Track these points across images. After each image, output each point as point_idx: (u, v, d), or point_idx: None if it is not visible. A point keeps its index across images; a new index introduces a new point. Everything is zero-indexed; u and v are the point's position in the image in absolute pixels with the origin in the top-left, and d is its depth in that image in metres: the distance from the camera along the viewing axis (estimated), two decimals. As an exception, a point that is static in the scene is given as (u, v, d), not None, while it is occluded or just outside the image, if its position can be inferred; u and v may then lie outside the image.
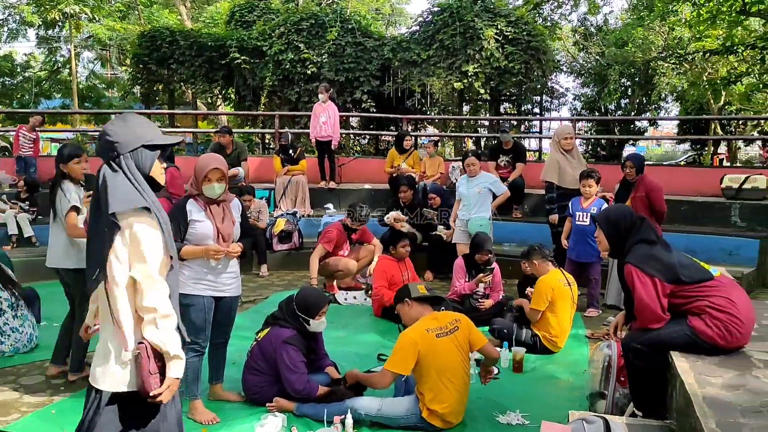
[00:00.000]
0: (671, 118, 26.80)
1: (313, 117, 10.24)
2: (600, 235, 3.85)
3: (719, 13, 13.47)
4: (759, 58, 14.24)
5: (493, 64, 13.19)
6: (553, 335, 5.43)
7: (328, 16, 14.65)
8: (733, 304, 3.37)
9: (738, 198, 8.66)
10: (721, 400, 2.80)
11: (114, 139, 2.46)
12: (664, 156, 32.43)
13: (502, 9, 14.22)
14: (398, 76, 14.09)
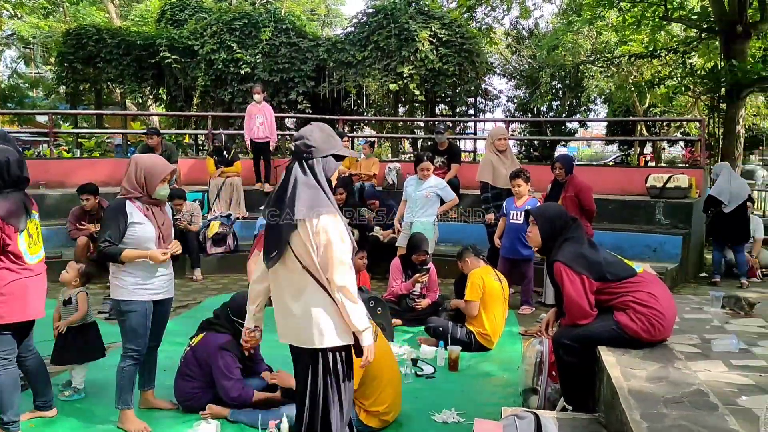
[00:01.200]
0: (600, 119, 27.72)
1: (248, 118, 10.09)
2: (534, 230, 3.89)
3: (643, 18, 13.95)
4: (680, 61, 14.84)
5: (427, 66, 13.30)
6: (487, 332, 5.51)
7: (261, 16, 14.46)
8: (655, 299, 3.49)
9: (662, 197, 8.98)
10: (645, 392, 2.89)
11: (314, 144, 2.85)
12: (594, 156, 33.45)
13: (436, 11, 14.37)
14: (333, 77, 14.04)
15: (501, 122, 16.21)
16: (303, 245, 2.81)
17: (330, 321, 2.85)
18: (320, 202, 2.80)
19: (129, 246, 3.72)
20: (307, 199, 2.79)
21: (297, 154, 2.89)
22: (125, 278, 3.74)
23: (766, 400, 2.77)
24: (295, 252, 2.83)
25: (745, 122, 18.12)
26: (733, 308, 4.28)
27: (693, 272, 8.84)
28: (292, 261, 2.85)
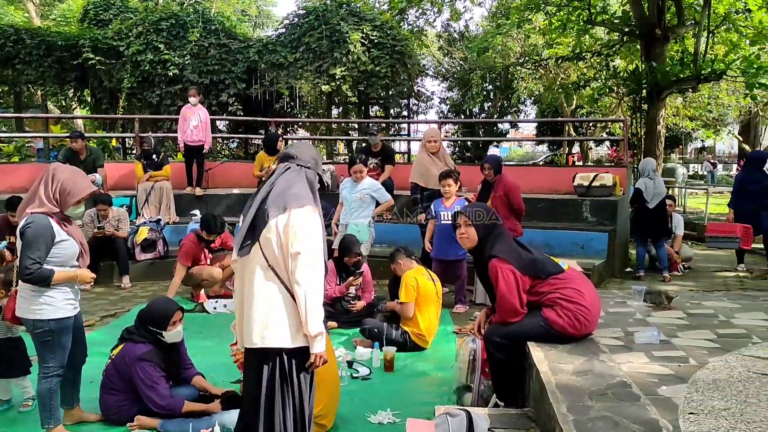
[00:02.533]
0: (530, 120, 28.40)
1: (181, 120, 9.83)
2: (469, 230, 3.90)
3: (569, 22, 14.34)
4: (604, 64, 15.33)
5: (360, 68, 13.31)
6: (422, 331, 5.55)
7: (189, 17, 14.12)
8: (581, 295, 3.59)
9: (588, 195, 9.26)
10: (571, 386, 2.97)
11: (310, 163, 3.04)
12: (525, 156, 34.25)
13: (368, 13, 14.39)
14: (265, 79, 13.86)
15: (434, 123, 16.41)
16: (271, 240, 2.81)
17: (287, 322, 2.83)
18: (303, 196, 2.86)
19: (53, 264, 3.53)
20: (291, 194, 2.84)
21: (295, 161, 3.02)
22: (55, 295, 3.56)
23: (685, 389, 2.89)
24: (263, 248, 2.83)
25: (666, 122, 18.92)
26: (654, 302, 4.45)
27: (619, 267, 9.15)
28: (259, 257, 2.84)
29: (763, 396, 2.77)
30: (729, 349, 3.47)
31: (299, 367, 2.90)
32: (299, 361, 2.89)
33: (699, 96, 19.71)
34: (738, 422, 2.51)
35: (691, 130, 25.33)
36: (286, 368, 2.87)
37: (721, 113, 23.00)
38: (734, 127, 27.88)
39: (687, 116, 21.75)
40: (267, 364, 2.87)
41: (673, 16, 12.84)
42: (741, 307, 4.50)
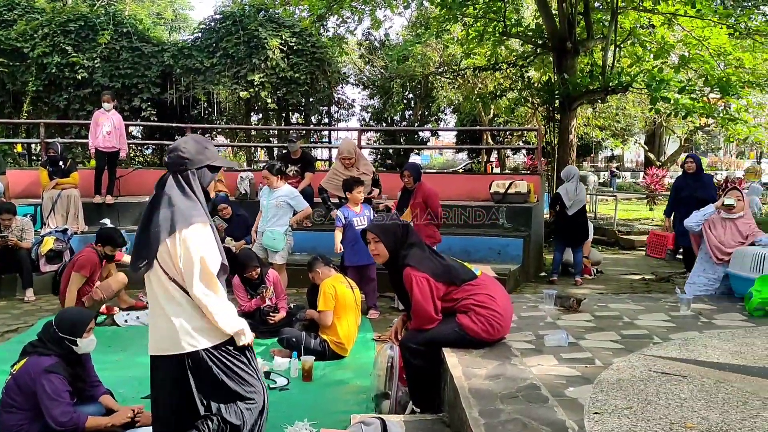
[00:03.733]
0: (449, 129, 28.95)
1: (93, 125, 9.41)
2: (378, 246, 3.89)
3: (485, 33, 14.70)
4: (519, 75, 15.82)
5: (279, 74, 13.20)
6: (341, 340, 5.52)
7: (99, 18, 13.62)
8: (493, 300, 3.66)
9: (504, 202, 9.49)
10: (483, 390, 3.01)
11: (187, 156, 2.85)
12: (446, 164, 34.83)
13: (287, 20, 14.31)
14: (181, 84, 13.53)
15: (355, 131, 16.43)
16: (169, 257, 2.77)
17: (200, 323, 2.81)
18: (190, 214, 2.79)
19: None
20: (178, 212, 2.77)
21: (171, 166, 2.87)
22: None
23: (590, 389, 2.98)
24: (162, 264, 2.78)
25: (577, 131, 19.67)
26: (564, 305, 4.59)
27: (533, 272, 9.42)
28: (160, 273, 2.80)
29: (662, 394, 2.90)
30: (632, 350, 3.61)
31: (229, 359, 2.90)
32: (226, 354, 2.89)
33: (608, 107, 20.62)
34: (639, 420, 2.61)
35: (601, 139, 26.46)
36: (213, 364, 2.86)
37: (628, 123, 24.13)
38: (641, 136, 29.32)
39: (597, 126, 22.69)
40: (192, 367, 2.84)
41: (582, 30, 13.37)
42: (644, 309, 4.70)
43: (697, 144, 32.39)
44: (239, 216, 8.27)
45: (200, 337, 2.83)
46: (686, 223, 5.71)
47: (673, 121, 23.00)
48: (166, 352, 2.84)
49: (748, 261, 4.79)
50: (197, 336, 2.82)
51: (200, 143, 2.96)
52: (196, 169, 2.88)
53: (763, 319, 4.33)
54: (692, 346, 3.67)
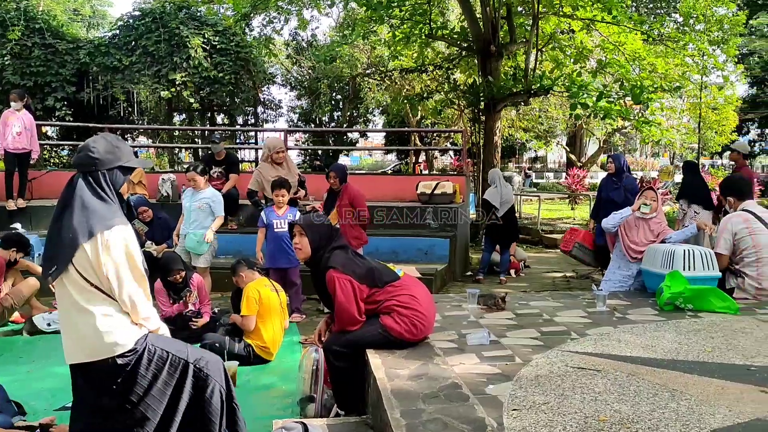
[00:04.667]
0: (378, 130, 29.06)
1: (2, 126, 8.91)
2: (302, 241, 3.86)
3: (412, 35, 14.82)
4: (445, 77, 16.02)
5: (201, 74, 12.89)
6: (266, 344, 5.43)
7: (9, 14, 12.94)
8: (416, 300, 3.68)
9: (431, 202, 9.59)
10: (406, 390, 3.01)
11: (96, 156, 2.73)
12: (375, 165, 34.99)
13: (209, 18, 14.00)
14: (98, 83, 13.02)
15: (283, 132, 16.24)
16: (89, 262, 2.65)
17: (123, 322, 2.76)
18: (108, 216, 2.70)
19: None
20: (94, 214, 2.68)
21: (80, 167, 2.77)
22: None
23: (510, 386, 3.03)
24: (80, 270, 2.66)
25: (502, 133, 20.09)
26: (487, 304, 4.66)
27: (460, 271, 9.55)
28: (78, 278, 2.68)
29: (578, 388, 2.97)
30: (551, 346, 3.69)
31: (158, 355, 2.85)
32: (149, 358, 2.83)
33: (531, 109, 21.17)
34: (556, 415, 2.66)
35: (525, 141, 27.16)
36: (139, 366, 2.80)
37: (550, 125, 24.84)
38: (563, 138, 30.25)
39: (521, 128, 23.28)
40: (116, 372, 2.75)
41: (506, 33, 13.68)
42: (563, 306, 4.83)
43: (615, 145, 33.70)
44: (160, 219, 8.03)
45: (127, 339, 2.75)
46: (604, 225, 5.88)
47: (592, 123, 23.82)
48: (92, 357, 2.74)
49: (659, 258, 4.99)
50: (124, 338, 2.75)
51: (111, 142, 2.84)
52: (108, 170, 2.77)
53: (673, 313, 4.51)
54: (607, 341, 3.79)
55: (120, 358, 2.74)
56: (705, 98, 19.04)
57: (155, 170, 11.56)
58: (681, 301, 4.54)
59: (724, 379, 3.11)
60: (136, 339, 2.79)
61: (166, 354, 2.86)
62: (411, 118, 22.82)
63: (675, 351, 3.58)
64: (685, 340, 3.78)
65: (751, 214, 5.05)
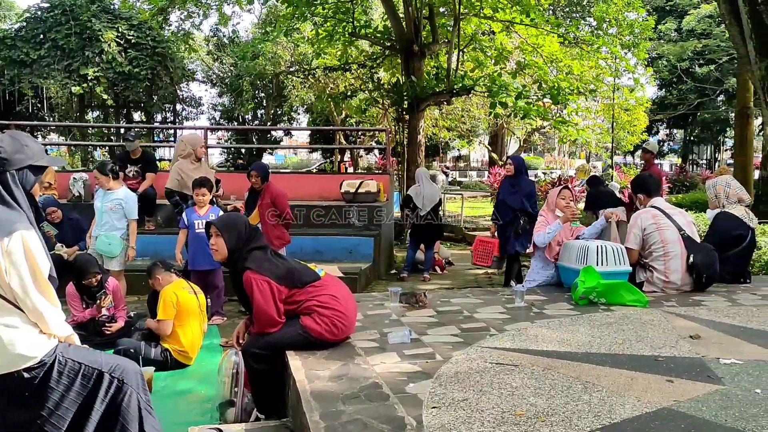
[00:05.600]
0: (301, 128, 28.83)
1: None
2: (218, 241, 3.76)
3: (335, 33, 14.79)
4: (369, 76, 16.07)
5: (116, 69, 12.42)
6: (184, 348, 5.27)
7: None
8: (336, 300, 3.65)
9: (355, 201, 9.58)
10: (326, 391, 2.98)
11: (4, 155, 2.57)
12: (300, 164, 34.73)
13: (123, 12, 13.51)
14: (4, 77, 12.33)
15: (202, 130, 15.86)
16: None
17: (29, 333, 2.60)
18: (11, 220, 2.54)
19: None
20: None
21: None
22: None
23: (430, 384, 3.04)
24: None
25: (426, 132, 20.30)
26: (408, 302, 4.68)
27: (385, 270, 9.58)
28: None
29: (495, 384, 3.02)
30: (470, 343, 3.74)
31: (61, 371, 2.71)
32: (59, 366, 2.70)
33: (454, 108, 21.49)
34: (474, 411, 2.69)
35: (449, 140, 27.55)
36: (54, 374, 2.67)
37: (473, 125, 25.30)
38: (485, 137, 30.88)
39: (445, 127, 23.60)
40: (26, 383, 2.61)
41: (428, 33, 13.82)
42: (483, 302, 4.91)
43: (535, 144, 34.70)
44: (71, 220, 7.67)
45: (33, 351, 2.60)
46: (538, 242, 5.51)
47: (513, 123, 24.42)
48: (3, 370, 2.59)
49: (574, 254, 5.15)
50: (30, 351, 2.60)
51: (18, 140, 2.67)
52: (17, 171, 2.61)
53: (588, 307, 4.66)
54: (524, 336, 3.87)
55: (27, 372, 2.60)
56: (617, 99, 19.86)
57: (66, 169, 11.04)
58: (594, 296, 4.70)
59: (634, 370, 3.22)
60: (44, 351, 2.64)
61: (78, 365, 2.73)
62: (335, 117, 22.76)
63: (588, 344, 3.69)
64: (598, 333, 3.91)
65: (659, 210, 5.28)
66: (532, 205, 7.49)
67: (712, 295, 5.07)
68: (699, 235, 5.61)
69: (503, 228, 7.70)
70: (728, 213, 5.58)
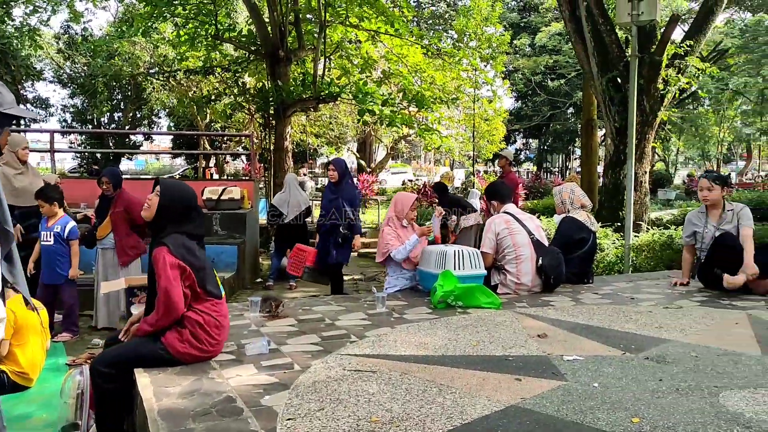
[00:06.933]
0: (162, 132, 27.70)
1: None
2: (153, 200, 3.50)
3: (198, 36, 14.32)
4: (234, 80, 15.71)
5: (-53, 65, 11.29)
6: (23, 369, 4.83)
7: None
8: (220, 329, 3.54)
9: (218, 208, 9.30)
10: (176, 409, 2.83)
11: None
12: (162, 170, 33.32)
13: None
14: None
15: (50, 132, 14.75)
16: None
17: None
18: None
19: None
20: None
21: None
22: None
23: (287, 395, 2.98)
24: None
25: (294, 138, 20.16)
26: (267, 311, 4.58)
27: (250, 278, 9.37)
28: None
29: (353, 392, 3.01)
30: (330, 351, 3.71)
31: None
32: None
33: (322, 115, 21.53)
34: (329, 421, 2.66)
35: (317, 146, 27.57)
36: None
37: (341, 131, 25.50)
38: (353, 144, 31.21)
39: (313, 133, 23.58)
40: None
41: (294, 39, 13.75)
42: (345, 309, 4.91)
43: (401, 152, 35.53)
44: None
45: None
46: (396, 257, 5.55)
47: (380, 131, 24.86)
48: None
49: (432, 258, 5.28)
50: None
51: None
52: None
53: (446, 310, 4.79)
54: (384, 342, 3.91)
55: None
56: (478, 110, 20.77)
57: None
58: (452, 299, 4.84)
59: (486, 370, 3.34)
60: None
61: None
62: (199, 122, 22.04)
63: (445, 347, 3.79)
64: (454, 336, 4.03)
65: (511, 216, 5.55)
66: (354, 213, 7.07)
67: (559, 296, 5.39)
68: (547, 238, 5.96)
69: (324, 237, 7.14)
70: (573, 218, 5.96)
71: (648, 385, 3.09)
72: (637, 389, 3.03)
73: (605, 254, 8.35)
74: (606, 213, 9.87)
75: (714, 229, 5.45)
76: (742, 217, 5.36)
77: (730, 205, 5.50)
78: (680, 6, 20.25)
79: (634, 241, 8.34)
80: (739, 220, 5.36)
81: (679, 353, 3.65)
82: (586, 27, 9.89)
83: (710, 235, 5.46)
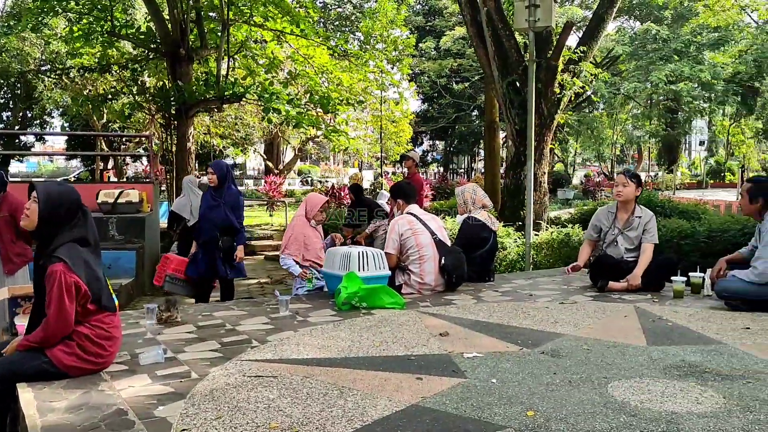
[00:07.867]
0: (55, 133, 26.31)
1: None
2: (33, 208, 3.27)
3: (93, 32, 13.66)
4: (132, 78, 15.09)
5: None
6: None
7: None
8: (112, 342, 3.38)
9: (114, 212, 8.91)
10: (61, 425, 2.66)
11: None
12: (57, 172, 31.72)
13: None
14: None
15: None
16: None
17: None
18: None
19: None
20: None
21: None
22: None
23: (182, 405, 2.87)
24: None
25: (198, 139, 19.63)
26: (160, 318, 4.41)
27: (149, 284, 9.02)
28: None
29: (252, 398, 2.94)
30: (230, 357, 3.62)
31: None
32: None
33: (227, 116, 21.06)
34: (227, 429, 2.58)
35: (222, 148, 26.95)
36: None
37: (247, 133, 25.04)
38: (260, 146, 30.72)
39: (218, 134, 23.02)
40: None
41: (196, 37, 13.38)
42: (247, 314, 4.80)
43: (310, 153, 35.36)
44: None
45: None
46: (291, 269, 5.70)
47: (288, 132, 24.59)
48: None
49: (337, 260, 5.26)
50: None
51: None
52: None
53: (350, 312, 4.78)
54: (286, 346, 3.85)
55: None
56: (385, 111, 20.96)
57: None
58: (357, 300, 4.84)
59: (388, 370, 3.35)
60: None
61: None
62: (96, 122, 21.03)
63: (348, 349, 3.77)
64: (358, 337, 4.02)
65: (414, 216, 5.61)
66: (238, 219, 6.50)
67: (461, 294, 5.50)
68: (451, 238, 6.08)
69: (205, 247, 6.45)
70: (474, 217, 6.10)
71: (543, 378, 3.20)
72: (532, 383, 3.12)
73: (507, 252, 8.61)
74: (508, 212, 10.19)
75: (618, 232, 5.68)
76: (648, 230, 5.58)
77: (640, 210, 5.71)
78: (575, 14, 21.23)
79: (535, 240, 8.64)
80: (644, 232, 5.59)
81: (572, 347, 3.80)
82: (487, 32, 10.18)
83: (613, 238, 5.69)
